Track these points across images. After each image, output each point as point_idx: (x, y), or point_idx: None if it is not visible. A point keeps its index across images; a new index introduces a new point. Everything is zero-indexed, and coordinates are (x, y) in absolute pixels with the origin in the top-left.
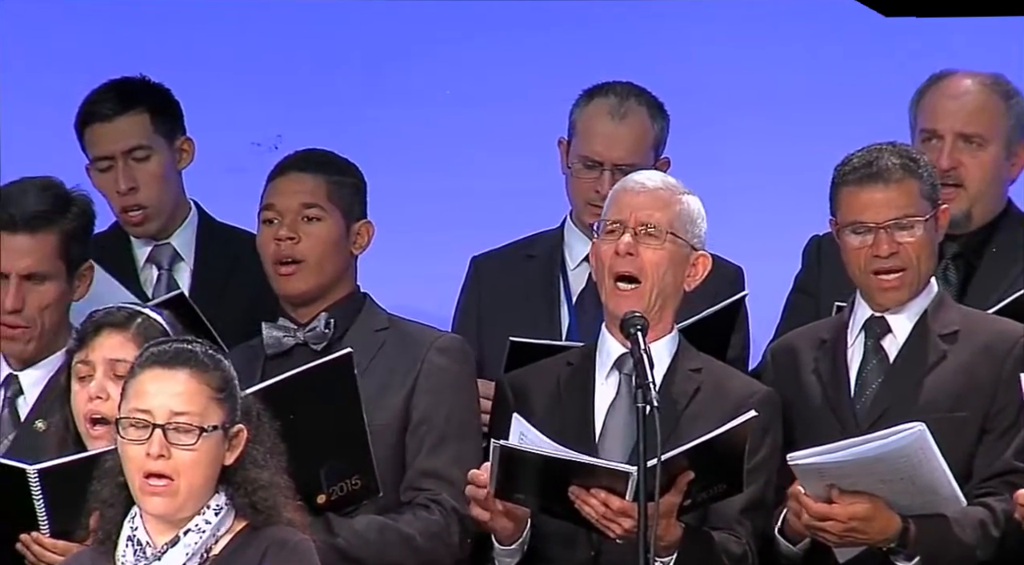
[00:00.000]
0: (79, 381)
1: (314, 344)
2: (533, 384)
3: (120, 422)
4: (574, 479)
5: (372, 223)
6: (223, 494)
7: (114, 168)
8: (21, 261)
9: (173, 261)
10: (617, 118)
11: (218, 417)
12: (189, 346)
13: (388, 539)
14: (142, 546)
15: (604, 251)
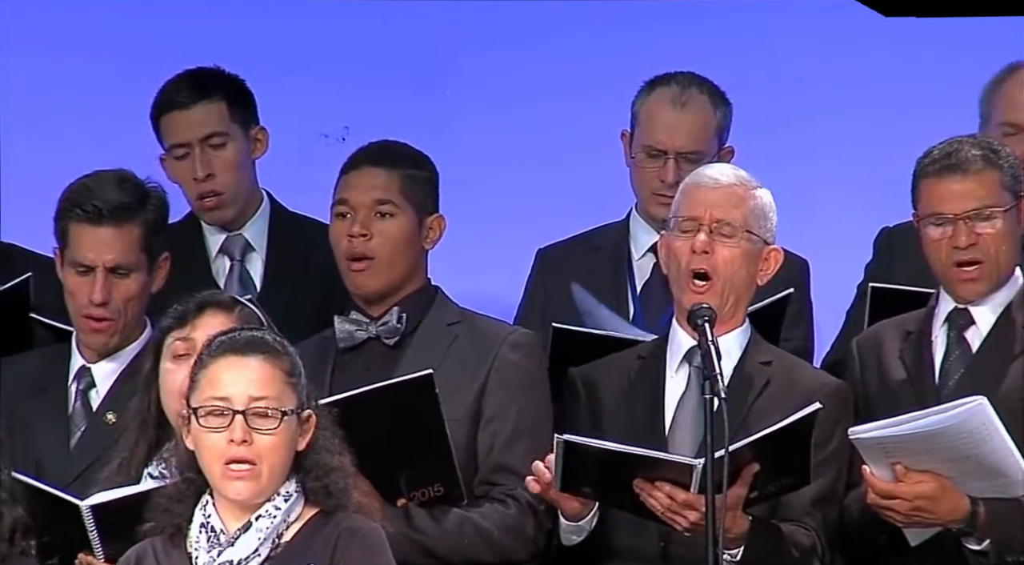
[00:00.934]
0: (175, 359)
1: (386, 338)
2: (603, 378)
3: (197, 411)
4: (638, 472)
5: (444, 217)
6: (293, 480)
7: (191, 155)
8: (107, 254)
9: (245, 252)
10: (679, 106)
11: (292, 401)
12: (259, 333)
13: (467, 533)
14: (216, 533)
15: (679, 248)
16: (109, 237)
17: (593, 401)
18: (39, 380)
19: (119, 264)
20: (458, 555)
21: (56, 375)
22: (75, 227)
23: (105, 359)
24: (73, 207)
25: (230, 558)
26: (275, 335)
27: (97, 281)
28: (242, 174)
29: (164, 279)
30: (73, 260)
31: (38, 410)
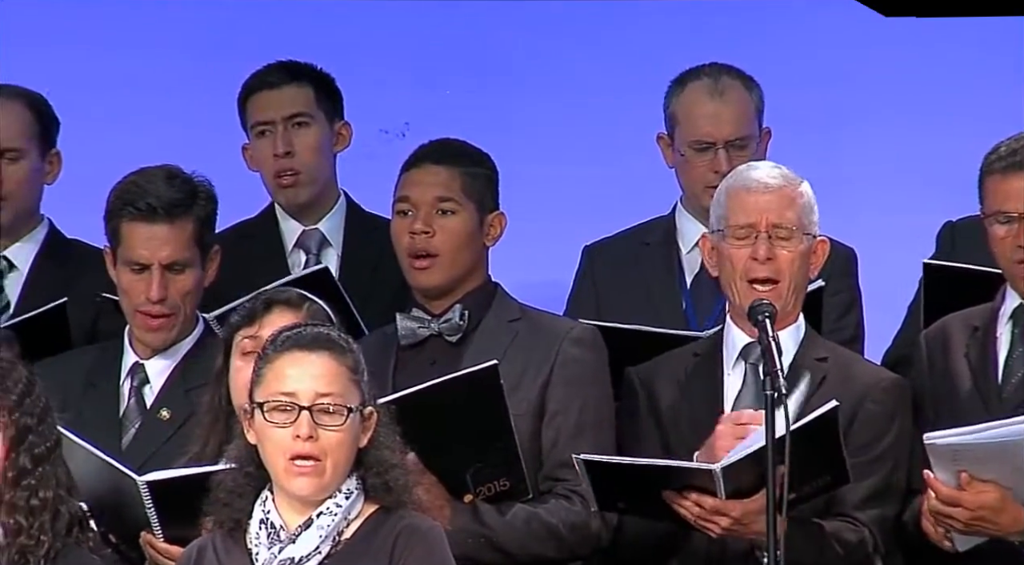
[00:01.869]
0: (243, 356)
1: (448, 335)
2: (660, 376)
3: (262, 406)
4: (662, 483)
5: (505, 215)
6: (354, 477)
7: (273, 133)
8: (162, 251)
9: (321, 246)
10: (718, 96)
11: (356, 398)
12: (324, 330)
13: (533, 529)
14: (276, 529)
15: (735, 255)
16: (163, 234)
17: (651, 400)
18: (90, 376)
19: (174, 260)
20: (525, 551)
21: (108, 371)
22: (128, 225)
23: (158, 355)
24: (125, 205)
25: (291, 555)
26: (340, 332)
27: (153, 279)
28: (321, 159)
29: (216, 272)
30: (127, 258)
31: (89, 407)
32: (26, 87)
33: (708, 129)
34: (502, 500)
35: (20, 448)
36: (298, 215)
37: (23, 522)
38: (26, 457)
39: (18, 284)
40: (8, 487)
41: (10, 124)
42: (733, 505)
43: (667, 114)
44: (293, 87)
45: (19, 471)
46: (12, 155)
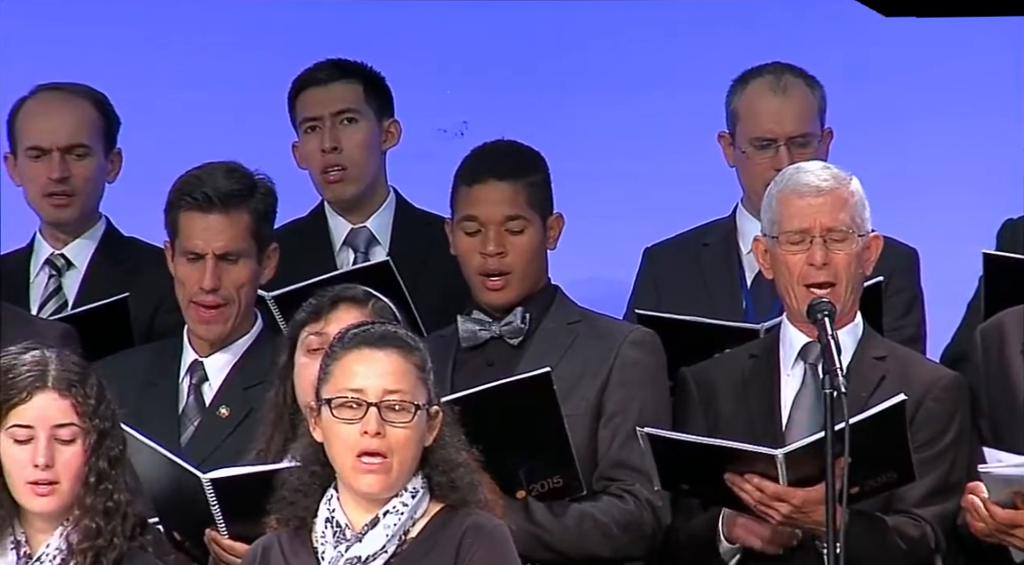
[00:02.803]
0: (309, 353)
1: (510, 338)
2: (717, 376)
3: (330, 403)
4: (725, 465)
5: (562, 215)
6: (419, 476)
7: (320, 129)
8: (216, 240)
9: (369, 244)
10: (780, 93)
11: (423, 396)
12: (392, 328)
13: (585, 527)
14: (341, 528)
15: (790, 260)
16: (219, 224)
17: (707, 401)
18: (148, 374)
19: (229, 251)
20: (576, 549)
21: (166, 369)
22: (185, 216)
23: (217, 352)
24: (183, 196)
25: (357, 554)
26: (407, 330)
27: (207, 268)
28: (369, 156)
29: (274, 270)
30: (183, 248)
31: (148, 405)
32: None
33: (770, 126)
34: (555, 497)
35: (99, 452)
36: (347, 213)
37: (101, 524)
38: (104, 461)
39: (76, 282)
40: (88, 492)
41: (78, 121)
42: (794, 492)
43: (729, 112)
44: (341, 84)
45: (98, 475)
46: (80, 151)
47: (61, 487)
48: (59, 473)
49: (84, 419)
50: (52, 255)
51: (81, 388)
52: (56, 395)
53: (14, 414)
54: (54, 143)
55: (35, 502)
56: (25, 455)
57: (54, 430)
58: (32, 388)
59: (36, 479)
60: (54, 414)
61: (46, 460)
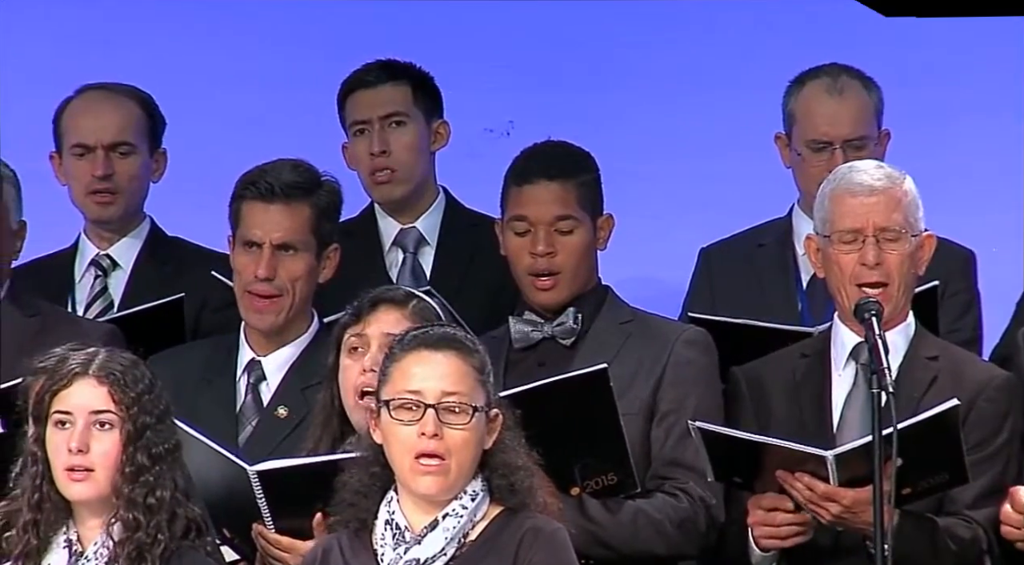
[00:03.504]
0: (350, 355)
1: (562, 339)
2: (768, 376)
3: (388, 404)
4: (777, 462)
5: (613, 216)
6: (479, 479)
7: (369, 132)
8: (275, 230)
9: (418, 245)
10: (836, 95)
11: (482, 399)
12: (451, 330)
13: (640, 524)
14: (401, 530)
15: (843, 260)
16: (278, 214)
17: (758, 401)
18: (205, 372)
19: (286, 242)
20: (630, 546)
21: (223, 367)
22: (247, 205)
23: (275, 351)
24: (247, 187)
25: (416, 556)
26: (467, 332)
27: (263, 256)
28: (418, 158)
29: (333, 271)
30: (243, 238)
31: (205, 403)
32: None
33: (826, 128)
34: (610, 494)
35: (137, 444)
36: (396, 213)
37: (141, 519)
38: (143, 455)
39: (122, 282)
40: (126, 482)
41: (122, 119)
42: (844, 493)
43: (785, 113)
44: (390, 86)
45: (137, 467)
46: (124, 149)
47: (97, 475)
48: (94, 460)
49: (122, 408)
50: (97, 256)
51: (122, 378)
52: (95, 382)
53: (56, 400)
54: (98, 141)
55: (71, 488)
56: (64, 441)
57: (91, 416)
58: (73, 376)
59: (72, 465)
60: (91, 400)
61: (79, 445)
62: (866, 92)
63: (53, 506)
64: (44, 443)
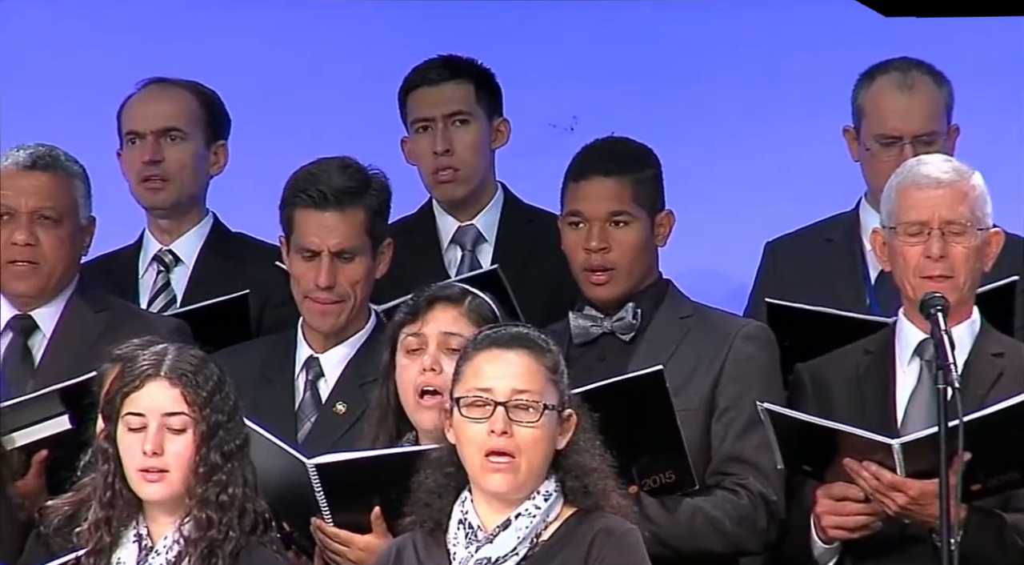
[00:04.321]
0: (408, 354)
1: (621, 334)
2: (831, 372)
3: (459, 402)
4: (845, 450)
5: (673, 212)
6: (553, 480)
7: (432, 130)
8: (332, 238)
9: (477, 242)
10: (906, 90)
11: (554, 398)
12: (524, 329)
13: (698, 522)
14: (473, 530)
15: (908, 252)
16: (334, 221)
17: (821, 397)
18: (264, 370)
19: (344, 248)
20: (689, 544)
21: (282, 365)
22: (300, 213)
23: (333, 348)
24: (298, 193)
25: (488, 556)
26: (539, 332)
27: (323, 265)
28: (479, 157)
29: (388, 265)
30: (299, 246)
31: (264, 400)
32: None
33: (895, 123)
34: (668, 493)
35: (210, 443)
36: (455, 211)
37: (213, 517)
38: (216, 453)
39: (184, 278)
40: (199, 482)
41: (174, 107)
42: (911, 483)
43: (854, 107)
44: (453, 84)
45: (210, 466)
46: (175, 134)
47: (171, 476)
48: (168, 462)
49: (195, 409)
50: (160, 251)
51: (193, 379)
52: (167, 384)
53: (128, 402)
54: (147, 127)
55: (146, 489)
56: (137, 443)
57: (164, 419)
58: (145, 377)
59: (146, 467)
60: (164, 403)
61: (154, 447)
62: (936, 87)
63: (125, 503)
64: (116, 441)
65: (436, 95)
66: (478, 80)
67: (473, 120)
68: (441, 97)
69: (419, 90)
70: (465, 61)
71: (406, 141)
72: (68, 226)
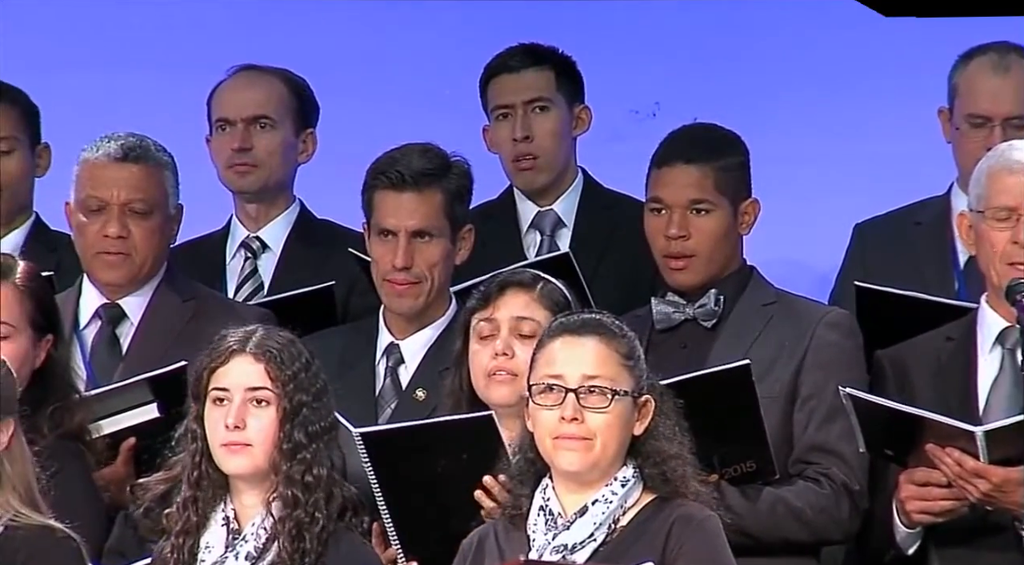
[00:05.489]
0: (480, 340)
1: (703, 320)
2: (912, 359)
3: (531, 389)
4: (929, 437)
5: (758, 201)
6: (631, 466)
7: (512, 117)
8: (409, 219)
9: (555, 227)
10: (1001, 72)
11: (628, 383)
12: (596, 315)
13: (779, 511)
14: (553, 516)
15: (994, 237)
16: (411, 202)
17: (902, 384)
18: (344, 356)
19: (421, 229)
20: (770, 534)
21: (362, 351)
22: (379, 195)
23: (413, 335)
24: (377, 176)
25: (565, 542)
26: (613, 318)
27: (400, 246)
28: (560, 144)
29: (468, 251)
30: (378, 227)
31: (345, 387)
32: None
33: (986, 105)
34: (748, 481)
35: (294, 422)
36: (534, 196)
37: (300, 495)
38: (300, 432)
39: (271, 264)
40: (284, 459)
41: (264, 94)
42: (994, 471)
43: (950, 86)
44: (534, 71)
45: (294, 445)
46: (264, 122)
47: (254, 450)
48: (251, 436)
49: (278, 385)
50: (247, 238)
51: (278, 355)
52: (251, 359)
53: (214, 378)
54: (238, 114)
55: (229, 462)
56: (221, 417)
57: (248, 393)
58: (231, 353)
59: (229, 441)
60: (248, 377)
61: (236, 421)
62: None
63: (211, 483)
64: (203, 420)
65: (516, 82)
66: (559, 67)
67: (553, 107)
68: (521, 84)
69: (499, 77)
70: (546, 48)
71: (487, 129)
72: (158, 217)
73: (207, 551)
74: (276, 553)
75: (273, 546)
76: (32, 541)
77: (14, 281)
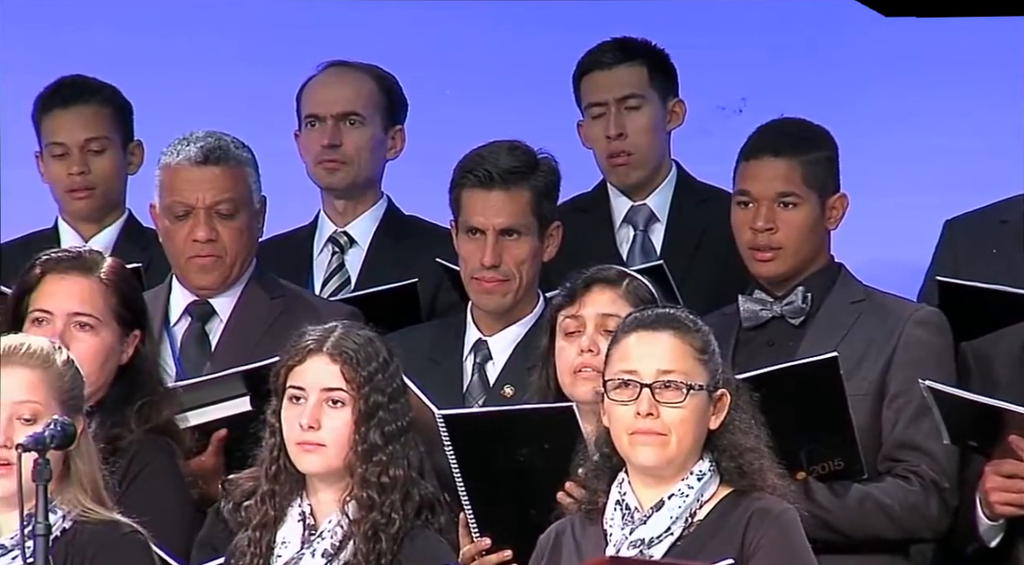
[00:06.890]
0: (566, 337)
1: (791, 318)
2: (995, 351)
3: (607, 384)
4: (1013, 429)
5: (846, 196)
6: (707, 459)
7: (606, 115)
8: (497, 216)
9: (649, 222)
10: None
11: (703, 378)
12: (671, 310)
13: (868, 508)
14: (630, 510)
15: None
16: (499, 200)
17: (986, 376)
18: (432, 353)
19: (509, 226)
20: (859, 531)
21: (450, 348)
22: (467, 193)
23: (501, 331)
24: (465, 174)
25: (642, 536)
26: (688, 312)
27: (488, 244)
28: (654, 139)
29: (556, 248)
30: (466, 225)
31: (432, 383)
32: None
33: None
34: (836, 479)
35: (370, 423)
36: (629, 192)
37: (375, 497)
38: (376, 433)
39: (359, 260)
40: (359, 461)
41: (354, 91)
42: None
43: None
44: (626, 67)
45: (370, 446)
46: (354, 118)
47: (328, 450)
48: (325, 436)
49: (353, 387)
50: (335, 233)
51: (354, 356)
52: (328, 359)
53: (292, 376)
54: (328, 111)
55: (303, 461)
56: (296, 416)
57: (323, 393)
58: (308, 352)
59: (303, 440)
60: (324, 378)
61: (310, 421)
62: None
63: (289, 478)
64: (280, 416)
65: (609, 78)
66: (651, 61)
67: (646, 103)
68: (613, 80)
69: (592, 74)
70: (638, 42)
71: (581, 125)
72: (244, 215)
73: (283, 546)
74: (352, 553)
75: (349, 544)
76: (99, 536)
77: (99, 276)
